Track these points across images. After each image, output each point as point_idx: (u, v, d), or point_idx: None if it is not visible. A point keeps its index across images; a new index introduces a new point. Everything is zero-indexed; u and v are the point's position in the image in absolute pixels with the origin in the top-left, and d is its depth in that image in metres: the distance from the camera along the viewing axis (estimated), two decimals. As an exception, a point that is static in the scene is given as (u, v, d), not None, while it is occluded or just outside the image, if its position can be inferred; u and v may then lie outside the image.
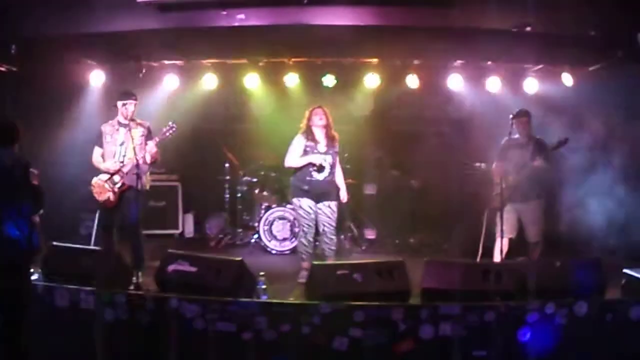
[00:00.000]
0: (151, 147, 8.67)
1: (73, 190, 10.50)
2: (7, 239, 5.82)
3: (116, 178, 8.64)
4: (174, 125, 8.92)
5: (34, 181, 6.18)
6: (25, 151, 6.34)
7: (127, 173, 8.61)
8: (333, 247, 9.30)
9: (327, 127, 9.22)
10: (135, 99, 8.81)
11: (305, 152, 9.14)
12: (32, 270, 6.59)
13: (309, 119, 9.20)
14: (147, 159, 8.66)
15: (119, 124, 8.78)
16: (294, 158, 9.15)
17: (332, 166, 9.20)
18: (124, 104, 8.74)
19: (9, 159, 6.00)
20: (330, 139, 9.25)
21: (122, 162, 8.68)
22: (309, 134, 9.18)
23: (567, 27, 9.42)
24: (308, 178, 9.08)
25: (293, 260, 10.70)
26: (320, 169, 9.06)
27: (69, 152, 10.68)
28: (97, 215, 9.58)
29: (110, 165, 8.66)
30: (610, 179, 10.00)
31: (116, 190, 8.64)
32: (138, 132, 8.78)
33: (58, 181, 9.67)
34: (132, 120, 8.80)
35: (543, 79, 11.70)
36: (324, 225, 9.19)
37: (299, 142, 9.18)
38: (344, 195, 9.44)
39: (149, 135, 8.82)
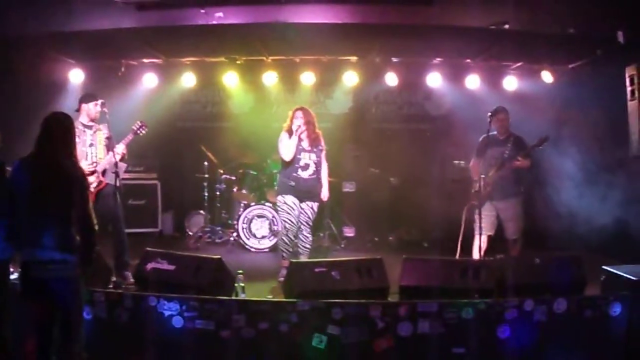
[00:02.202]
0: (122, 148, 8.64)
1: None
2: None
3: (91, 178, 8.57)
4: (143, 123, 8.89)
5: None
6: (2, 150, 6.30)
7: (103, 172, 8.60)
8: (308, 245, 9.29)
9: (308, 128, 9.19)
10: (98, 100, 8.72)
11: None
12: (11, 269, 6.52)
13: (291, 120, 9.16)
14: (117, 159, 8.59)
15: (83, 125, 8.68)
16: (288, 149, 9.06)
17: (317, 164, 9.20)
18: (93, 105, 8.71)
19: None
20: (313, 138, 9.21)
21: (96, 163, 8.64)
22: (292, 133, 9.12)
23: (546, 25, 9.45)
24: (294, 174, 9.05)
25: (272, 258, 10.75)
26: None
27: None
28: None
29: (85, 166, 8.57)
30: (589, 176, 10.05)
31: (93, 190, 8.57)
32: (102, 134, 8.74)
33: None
34: (94, 122, 8.76)
35: (522, 77, 11.74)
36: (301, 224, 9.18)
37: (285, 137, 9.13)
38: (325, 194, 9.41)
39: (111, 139, 8.75)
